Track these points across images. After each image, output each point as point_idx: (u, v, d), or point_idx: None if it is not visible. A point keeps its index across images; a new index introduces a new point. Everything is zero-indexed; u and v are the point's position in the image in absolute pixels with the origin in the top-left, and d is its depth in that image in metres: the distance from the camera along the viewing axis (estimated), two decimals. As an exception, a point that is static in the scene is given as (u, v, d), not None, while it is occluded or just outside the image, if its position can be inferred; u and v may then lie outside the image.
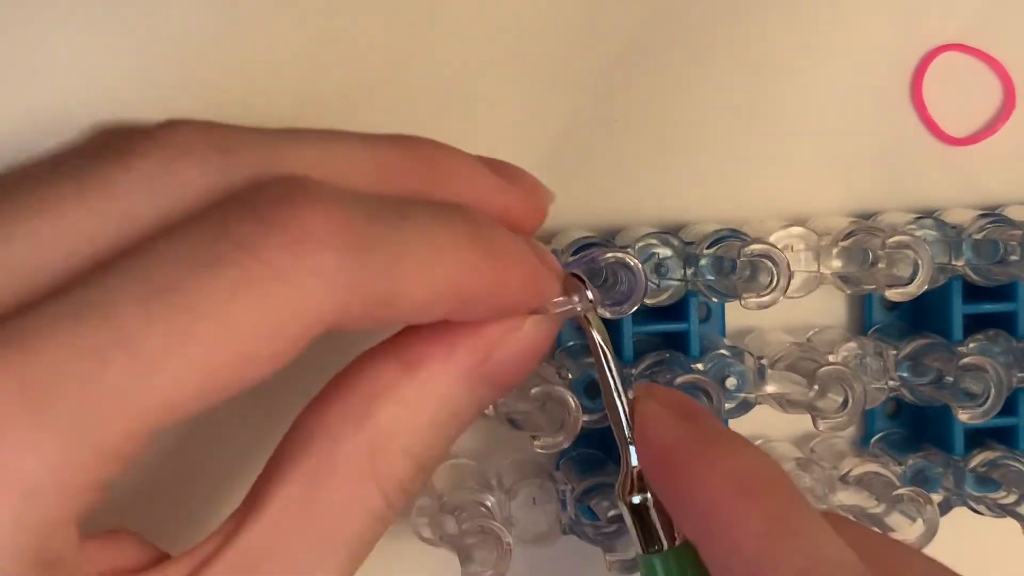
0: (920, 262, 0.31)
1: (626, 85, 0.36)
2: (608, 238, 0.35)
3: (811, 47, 0.37)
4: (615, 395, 0.28)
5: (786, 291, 0.31)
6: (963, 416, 0.33)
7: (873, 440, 0.37)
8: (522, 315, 0.26)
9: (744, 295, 0.31)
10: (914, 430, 0.37)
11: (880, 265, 0.32)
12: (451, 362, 0.26)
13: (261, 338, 0.22)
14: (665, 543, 0.27)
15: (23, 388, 0.21)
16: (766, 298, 0.31)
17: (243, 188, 0.24)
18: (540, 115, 0.36)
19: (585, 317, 0.27)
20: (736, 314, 0.36)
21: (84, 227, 0.23)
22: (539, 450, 0.31)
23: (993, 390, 0.32)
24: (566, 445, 0.31)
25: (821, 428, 0.32)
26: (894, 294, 0.32)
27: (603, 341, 0.27)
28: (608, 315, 0.31)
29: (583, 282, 0.27)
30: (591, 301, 0.27)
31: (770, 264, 0.31)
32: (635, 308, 0.30)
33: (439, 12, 0.35)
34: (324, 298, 0.23)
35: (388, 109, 0.35)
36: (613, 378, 0.27)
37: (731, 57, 0.36)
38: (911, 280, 0.32)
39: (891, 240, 0.32)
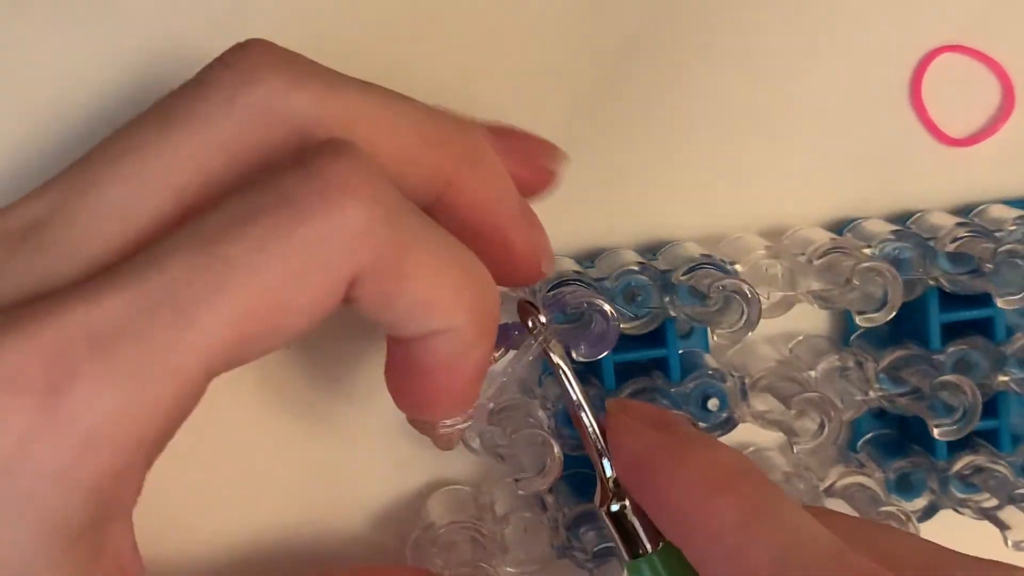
0: (889, 290, 0.31)
1: (621, 85, 0.36)
2: (591, 259, 0.36)
3: (809, 49, 0.37)
4: (579, 409, 0.29)
5: (756, 326, 0.31)
6: (937, 432, 0.33)
7: (860, 443, 0.38)
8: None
9: (716, 329, 0.32)
10: (900, 430, 0.38)
11: (854, 283, 0.32)
12: None
13: (288, 285, 0.24)
14: (648, 546, 0.29)
15: (90, 341, 0.23)
16: (737, 332, 0.32)
17: (299, 149, 0.25)
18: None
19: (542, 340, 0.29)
20: (720, 326, 0.37)
21: (169, 162, 0.25)
22: (521, 492, 0.32)
23: (966, 409, 0.32)
24: (546, 488, 0.32)
25: (796, 451, 0.33)
26: (864, 320, 0.32)
27: (560, 359, 0.29)
28: (584, 359, 0.31)
29: (536, 309, 0.29)
30: (544, 325, 0.29)
31: (740, 300, 0.31)
32: (607, 352, 0.31)
33: (439, 13, 0.35)
34: (346, 250, 0.24)
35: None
36: (575, 392, 0.29)
37: (729, 58, 0.36)
38: (880, 307, 0.32)
39: (862, 266, 0.32)
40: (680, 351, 0.35)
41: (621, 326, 0.33)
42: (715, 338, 0.32)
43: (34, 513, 0.23)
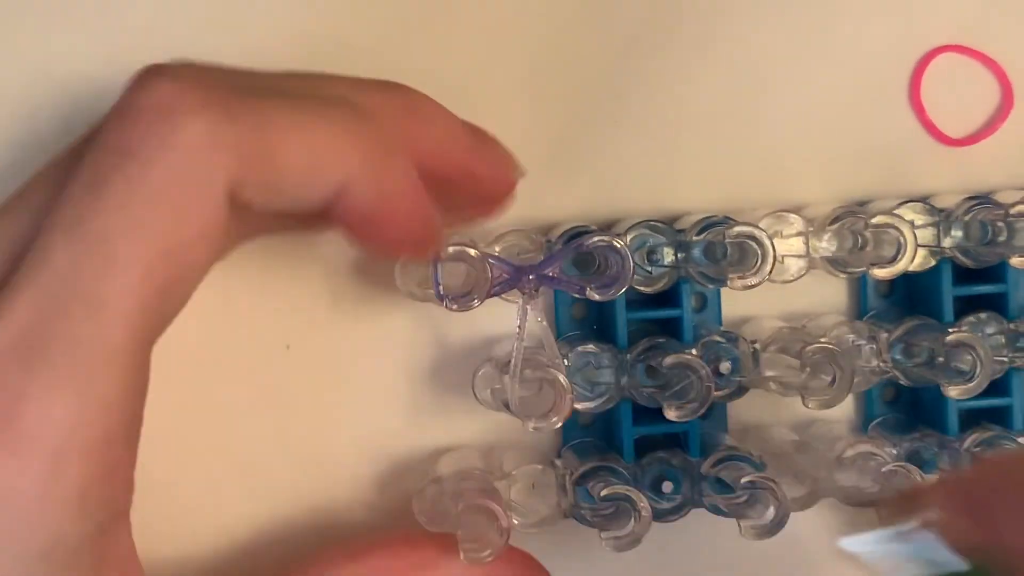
0: (903, 239, 0.32)
1: (626, 83, 0.37)
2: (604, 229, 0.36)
3: (809, 49, 0.37)
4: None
5: (771, 272, 0.32)
6: (953, 392, 0.33)
7: (871, 426, 0.37)
8: None
9: (731, 277, 0.32)
10: (911, 415, 0.38)
11: (868, 248, 0.33)
12: None
13: (168, 228, 0.23)
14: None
15: (16, 356, 0.23)
16: (752, 279, 0.32)
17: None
18: (539, 113, 0.36)
19: None
20: (733, 305, 0.37)
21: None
22: (533, 430, 0.32)
23: (980, 365, 0.32)
24: (559, 424, 0.32)
25: (810, 406, 0.33)
26: (881, 272, 0.33)
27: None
28: (598, 297, 0.31)
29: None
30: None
31: (754, 245, 0.31)
32: (623, 289, 0.31)
33: (439, 11, 0.36)
34: (205, 168, 0.23)
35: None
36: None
37: (729, 58, 0.37)
38: (895, 258, 0.32)
39: (874, 220, 0.32)
40: (693, 324, 0.35)
41: (636, 287, 0.34)
42: (730, 285, 0.32)
43: (25, 542, 0.23)
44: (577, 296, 0.34)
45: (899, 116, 0.38)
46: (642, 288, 0.34)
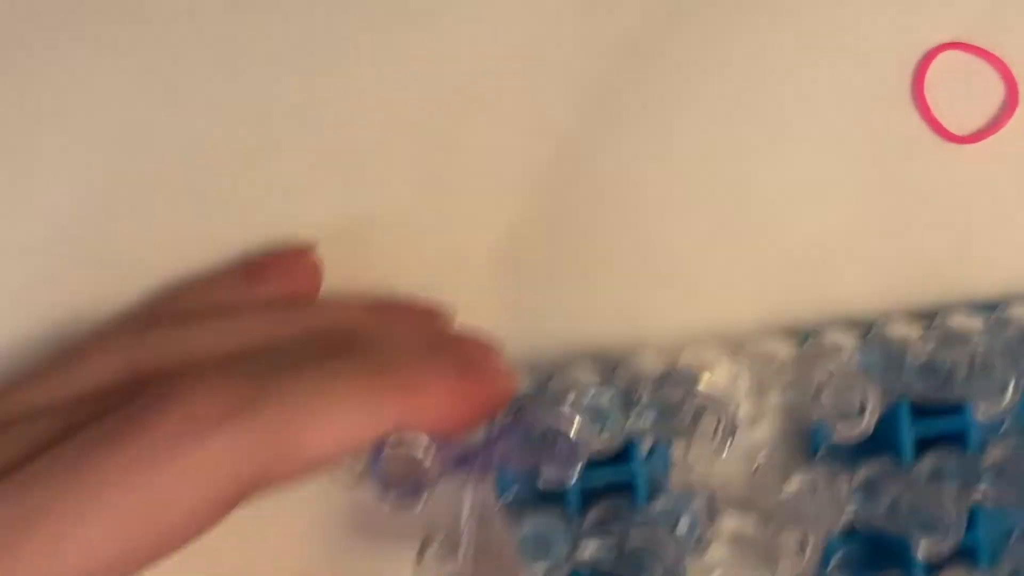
0: (867, 399, 0.30)
1: (623, 88, 0.36)
2: (544, 378, 0.34)
3: (811, 47, 0.37)
4: None
5: (731, 443, 0.30)
6: (923, 549, 0.32)
7: (832, 563, 0.36)
8: None
9: (690, 448, 0.30)
10: (872, 547, 0.36)
11: (824, 396, 0.31)
12: None
13: (165, 504, 0.24)
14: None
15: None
16: (712, 450, 0.30)
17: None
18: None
19: None
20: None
21: None
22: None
23: (952, 522, 0.31)
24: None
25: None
26: (843, 428, 0.31)
27: None
28: (552, 480, 0.29)
29: None
30: None
31: (712, 410, 0.30)
32: (575, 478, 0.29)
33: (440, 16, 0.36)
34: (219, 465, 0.24)
35: (389, 115, 0.35)
36: None
37: (727, 56, 0.37)
38: (859, 412, 0.31)
39: (834, 377, 0.31)
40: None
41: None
42: (688, 459, 0.30)
43: None
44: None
45: (903, 114, 0.37)
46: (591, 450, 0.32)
